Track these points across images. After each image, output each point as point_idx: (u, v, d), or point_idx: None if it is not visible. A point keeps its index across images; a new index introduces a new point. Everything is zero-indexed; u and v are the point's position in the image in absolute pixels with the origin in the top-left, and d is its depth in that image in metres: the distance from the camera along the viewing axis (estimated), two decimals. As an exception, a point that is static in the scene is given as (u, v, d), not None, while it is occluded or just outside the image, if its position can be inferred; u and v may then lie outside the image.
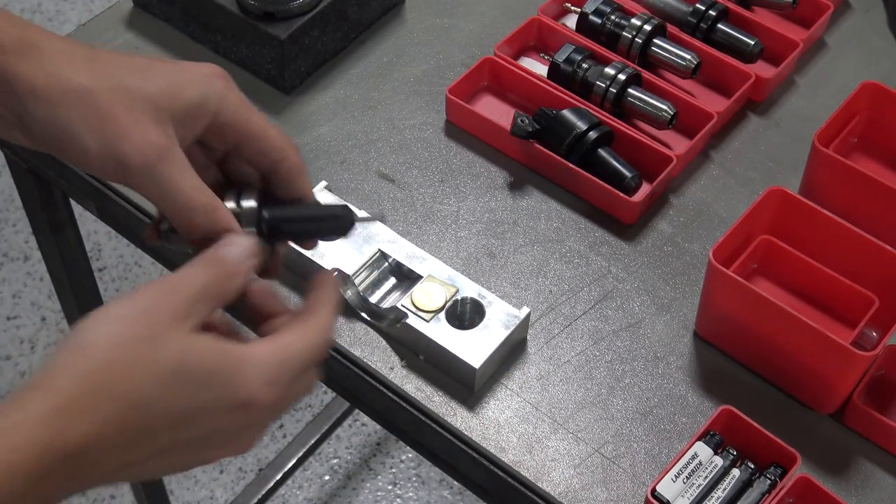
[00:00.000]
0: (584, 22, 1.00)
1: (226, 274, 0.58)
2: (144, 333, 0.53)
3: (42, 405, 0.50)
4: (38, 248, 1.45)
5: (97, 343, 0.52)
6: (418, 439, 0.83)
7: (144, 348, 0.52)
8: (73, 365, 0.51)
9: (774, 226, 0.85)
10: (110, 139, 0.58)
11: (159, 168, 0.58)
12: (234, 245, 0.59)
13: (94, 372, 0.51)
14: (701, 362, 0.83)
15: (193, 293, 0.55)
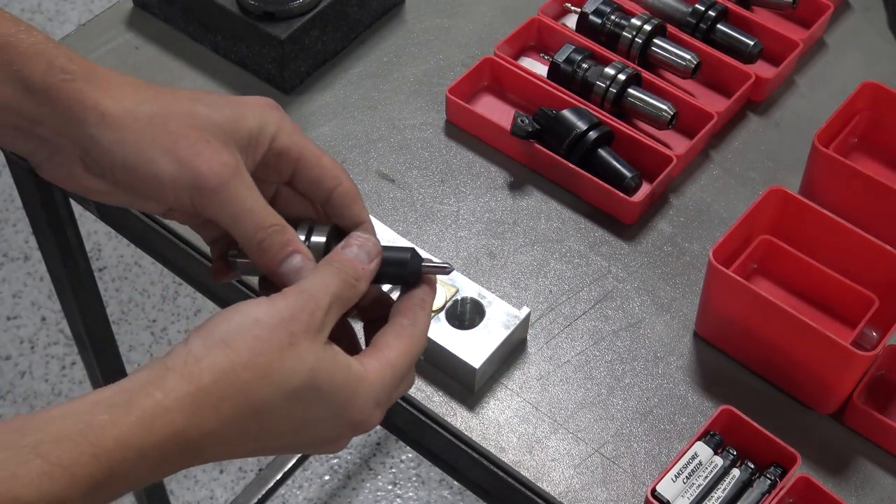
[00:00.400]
0: (584, 22, 1.00)
1: (355, 277, 0.59)
2: (285, 342, 0.54)
3: (181, 391, 0.51)
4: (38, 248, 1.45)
5: (243, 343, 0.53)
6: (418, 439, 0.83)
7: (283, 357, 0.54)
8: (216, 358, 0.53)
9: (774, 226, 0.85)
10: (185, 159, 0.58)
11: (233, 186, 0.59)
12: (359, 245, 0.60)
13: (234, 372, 0.53)
14: (701, 362, 0.83)
15: (328, 302, 0.56)
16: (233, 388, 0.53)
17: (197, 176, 0.58)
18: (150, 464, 0.51)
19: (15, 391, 1.83)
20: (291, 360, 0.54)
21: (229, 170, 0.59)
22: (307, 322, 0.55)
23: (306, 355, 0.54)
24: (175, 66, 1.00)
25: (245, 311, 0.54)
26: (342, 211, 0.63)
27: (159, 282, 1.96)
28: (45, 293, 1.94)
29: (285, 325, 0.54)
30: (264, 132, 0.61)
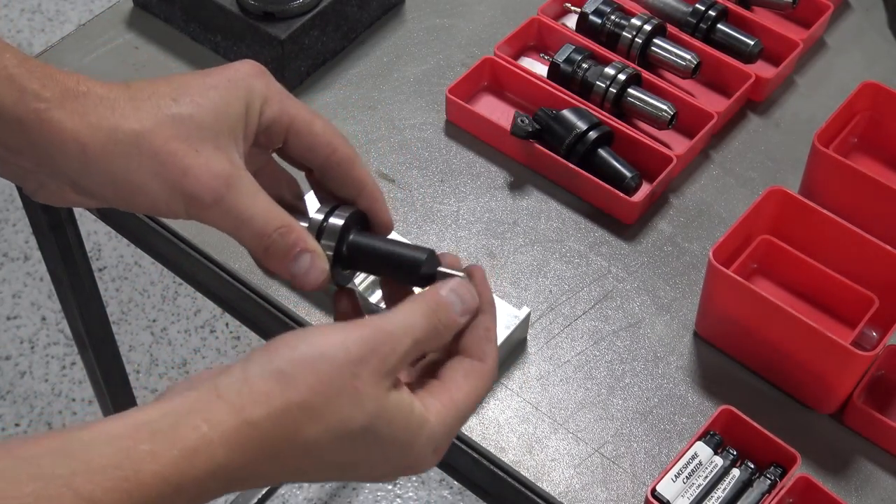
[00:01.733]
0: (584, 22, 1.00)
1: (445, 325, 0.55)
2: (348, 386, 0.50)
3: (228, 425, 0.48)
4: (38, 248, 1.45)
5: (302, 379, 0.50)
6: (418, 439, 0.82)
7: (342, 401, 0.50)
8: (271, 392, 0.49)
9: (774, 226, 0.85)
10: (174, 180, 0.56)
11: (228, 199, 0.56)
12: (456, 292, 0.56)
13: (288, 411, 0.49)
14: (701, 362, 0.83)
15: (407, 350, 0.53)
16: (283, 427, 0.49)
17: (189, 196, 0.56)
18: (186, 497, 0.48)
19: (15, 391, 1.83)
20: (350, 405, 0.50)
21: (221, 182, 0.56)
22: (377, 367, 0.51)
23: (368, 403, 0.51)
24: (175, 66, 1.00)
25: (312, 342, 0.51)
26: (341, 178, 0.60)
27: (159, 282, 1.96)
28: (45, 293, 1.94)
29: (352, 366, 0.50)
30: (251, 110, 0.58)
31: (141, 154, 0.55)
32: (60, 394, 1.83)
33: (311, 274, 0.57)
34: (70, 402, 1.82)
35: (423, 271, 0.57)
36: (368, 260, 0.59)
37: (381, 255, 0.59)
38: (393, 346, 0.52)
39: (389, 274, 0.59)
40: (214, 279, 0.89)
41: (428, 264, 0.58)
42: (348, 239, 0.59)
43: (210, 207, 0.56)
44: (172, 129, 0.56)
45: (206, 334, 1.91)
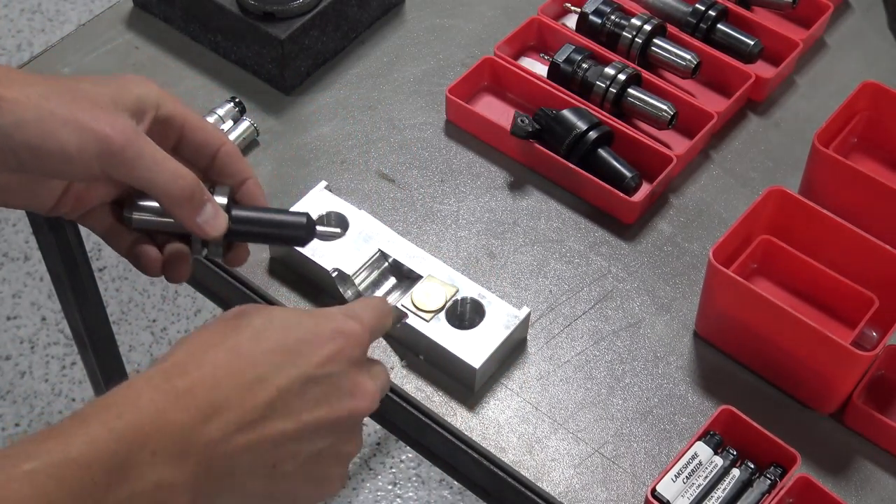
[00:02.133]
0: (584, 22, 1.00)
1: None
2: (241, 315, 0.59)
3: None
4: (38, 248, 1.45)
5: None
6: (418, 439, 0.83)
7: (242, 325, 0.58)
8: (178, 350, 0.56)
9: (774, 226, 0.85)
10: (86, 125, 0.59)
11: (140, 141, 0.61)
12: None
13: (194, 342, 0.57)
14: (701, 362, 0.83)
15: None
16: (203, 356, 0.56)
17: (102, 138, 0.59)
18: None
19: (15, 391, 1.83)
20: (258, 320, 0.58)
21: (131, 127, 0.61)
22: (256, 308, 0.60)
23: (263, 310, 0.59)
24: (175, 66, 1.00)
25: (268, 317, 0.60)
26: (228, 169, 0.67)
27: (159, 282, 1.96)
28: (45, 293, 1.94)
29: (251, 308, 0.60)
30: (148, 100, 0.64)
31: (52, 105, 0.60)
32: (60, 394, 1.83)
33: (215, 221, 0.64)
34: (70, 402, 1.82)
35: (305, 233, 0.67)
36: (253, 230, 0.67)
37: (265, 224, 0.67)
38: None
39: (273, 241, 0.68)
40: (214, 279, 0.89)
41: (309, 225, 0.67)
42: (232, 213, 0.66)
43: (123, 149, 0.60)
44: (79, 94, 0.61)
45: (206, 334, 1.91)
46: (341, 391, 0.58)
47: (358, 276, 0.83)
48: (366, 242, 0.84)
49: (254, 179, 0.69)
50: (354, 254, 0.83)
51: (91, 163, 0.60)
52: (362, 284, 0.83)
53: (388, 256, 0.84)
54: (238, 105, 0.94)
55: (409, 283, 0.83)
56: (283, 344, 0.57)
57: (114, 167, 0.60)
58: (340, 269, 0.82)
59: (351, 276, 0.82)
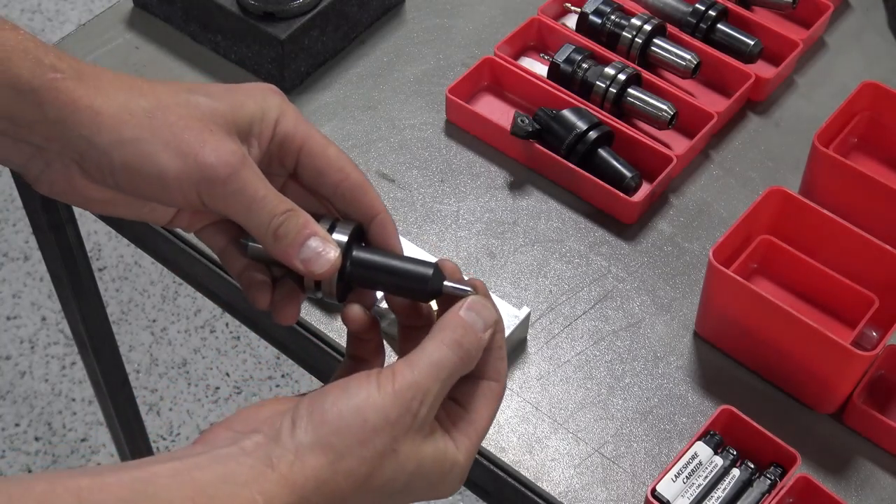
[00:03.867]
0: (584, 22, 1.00)
1: (473, 351, 0.55)
2: (388, 449, 0.52)
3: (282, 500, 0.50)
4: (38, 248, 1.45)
5: (346, 448, 0.51)
6: (418, 439, 0.82)
7: (384, 465, 0.52)
8: (319, 464, 0.51)
9: (774, 226, 0.85)
10: (189, 152, 0.55)
11: (243, 175, 0.55)
12: (476, 309, 0.56)
13: (335, 481, 0.51)
14: (701, 362, 0.83)
15: (437, 393, 0.53)
16: (331, 497, 0.51)
17: (204, 167, 0.55)
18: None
19: (15, 391, 1.83)
20: (393, 468, 0.52)
21: (237, 158, 0.55)
22: (412, 424, 0.52)
23: (408, 463, 0.53)
24: (175, 66, 1.00)
25: (356, 407, 0.52)
26: (353, 204, 0.59)
27: (159, 282, 1.96)
28: (45, 293, 1.94)
29: (391, 428, 0.52)
30: (267, 117, 0.58)
31: (155, 125, 0.55)
32: (60, 394, 1.83)
33: (321, 258, 0.56)
34: (70, 402, 1.82)
35: (429, 287, 0.57)
36: (372, 276, 0.58)
37: (386, 271, 0.58)
38: (422, 397, 0.53)
39: (394, 290, 0.58)
40: (214, 279, 0.89)
41: (434, 280, 0.57)
42: (352, 255, 0.58)
43: (224, 182, 0.55)
44: (188, 110, 0.56)
45: (206, 334, 1.91)
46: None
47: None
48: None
49: (384, 216, 0.60)
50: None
51: (190, 192, 0.56)
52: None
53: (388, 256, 0.83)
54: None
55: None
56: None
57: (213, 199, 0.56)
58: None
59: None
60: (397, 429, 0.52)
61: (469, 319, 0.55)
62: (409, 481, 0.53)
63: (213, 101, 0.57)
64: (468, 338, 0.55)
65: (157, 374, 1.85)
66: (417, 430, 0.53)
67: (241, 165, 0.56)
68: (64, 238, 1.07)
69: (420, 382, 0.53)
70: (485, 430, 0.57)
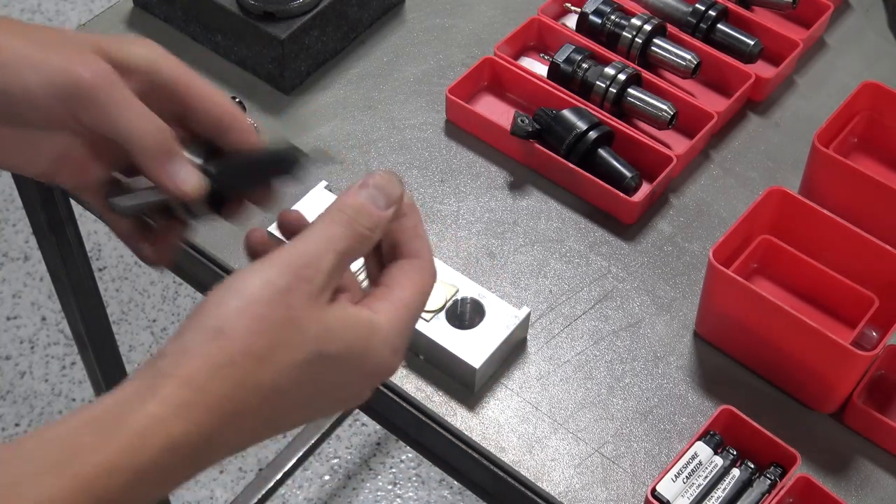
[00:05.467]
0: (584, 22, 1.00)
1: (369, 227, 0.54)
2: (283, 318, 0.49)
3: (176, 398, 0.47)
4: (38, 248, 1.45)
5: (238, 328, 0.49)
6: (418, 439, 0.83)
7: (283, 335, 0.49)
8: (211, 352, 0.48)
9: (774, 226, 0.85)
10: (58, 67, 0.55)
11: (117, 88, 0.56)
12: (377, 186, 0.55)
13: (232, 364, 0.48)
14: (701, 362, 0.83)
15: (332, 264, 0.51)
16: (232, 380, 0.48)
17: (73, 79, 0.55)
18: (149, 483, 0.47)
19: (15, 391, 1.83)
20: (294, 336, 0.49)
21: (108, 71, 0.56)
22: (307, 289, 0.50)
23: (308, 326, 0.50)
24: (175, 66, 1.00)
25: (238, 289, 0.50)
26: (237, 142, 0.60)
27: (159, 282, 1.96)
28: (45, 293, 1.94)
29: (282, 298, 0.49)
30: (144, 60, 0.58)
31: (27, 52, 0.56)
32: (60, 394, 1.83)
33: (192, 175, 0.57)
34: (70, 402, 1.82)
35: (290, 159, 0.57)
36: (236, 175, 0.59)
37: (246, 164, 0.59)
38: (317, 265, 0.51)
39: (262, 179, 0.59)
40: (214, 279, 0.89)
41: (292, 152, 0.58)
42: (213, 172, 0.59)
43: (95, 91, 0.55)
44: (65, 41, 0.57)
45: (206, 334, 1.91)
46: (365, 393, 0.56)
47: (358, 275, 0.82)
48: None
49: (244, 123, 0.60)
50: (354, 254, 0.83)
51: (57, 107, 0.55)
52: (363, 284, 0.83)
53: (388, 256, 0.83)
54: (238, 105, 0.94)
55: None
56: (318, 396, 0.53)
57: (83, 110, 0.56)
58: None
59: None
60: (291, 297, 0.50)
61: (363, 196, 0.54)
62: (320, 348, 0.50)
63: (91, 37, 0.57)
64: (362, 217, 0.54)
65: (157, 374, 1.85)
66: (316, 297, 0.51)
67: (111, 78, 0.56)
68: (64, 238, 1.07)
69: (309, 251, 0.51)
70: (411, 303, 0.55)
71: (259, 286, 0.50)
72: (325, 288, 0.51)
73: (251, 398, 0.49)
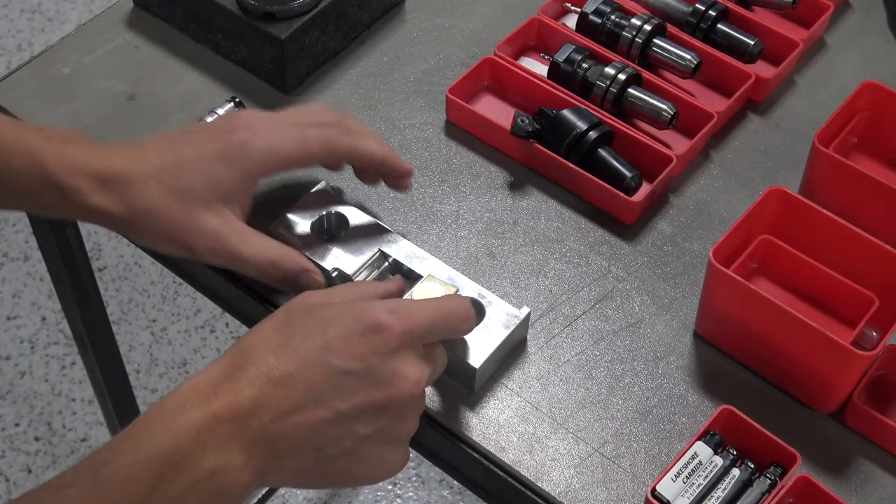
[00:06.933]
0: (584, 22, 1.00)
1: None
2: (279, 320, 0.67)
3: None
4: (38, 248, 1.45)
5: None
6: (418, 439, 0.82)
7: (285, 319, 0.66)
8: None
9: (774, 226, 0.85)
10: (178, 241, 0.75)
11: (220, 249, 0.75)
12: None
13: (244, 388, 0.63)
14: (701, 362, 0.83)
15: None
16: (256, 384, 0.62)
17: (190, 250, 0.75)
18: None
19: (15, 391, 1.83)
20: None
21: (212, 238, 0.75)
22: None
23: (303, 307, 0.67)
24: (175, 66, 1.00)
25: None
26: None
27: (159, 282, 1.96)
28: (45, 293, 1.94)
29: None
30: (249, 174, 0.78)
31: (152, 224, 0.74)
32: (60, 394, 1.83)
33: (310, 288, 0.76)
34: (70, 402, 1.82)
35: None
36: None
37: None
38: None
39: None
40: (214, 279, 0.89)
41: None
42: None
43: (206, 257, 0.75)
44: (174, 203, 0.74)
45: (206, 334, 1.91)
46: (378, 380, 0.63)
47: (358, 275, 0.83)
48: (366, 242, 0.84)
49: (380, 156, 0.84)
50: (354, 254, 0.83)
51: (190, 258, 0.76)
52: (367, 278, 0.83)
53: (388, 256, 0.84)
54: (238, 105, 0.94)
55: (409, 283, 0.83)
56: (321, 342, 0.63)
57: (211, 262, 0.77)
58: (340, 269, 0.82)
59: (351, 276, 0.82)
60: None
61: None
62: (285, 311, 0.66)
63: (193, 184, 0.74)
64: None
65: (157, 374, 1.85)
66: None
67: (216, 242, 0.75)
68: (64, 238, 1.07)
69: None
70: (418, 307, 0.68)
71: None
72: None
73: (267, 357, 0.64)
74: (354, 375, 0.63)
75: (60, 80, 0.98)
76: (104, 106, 0.97)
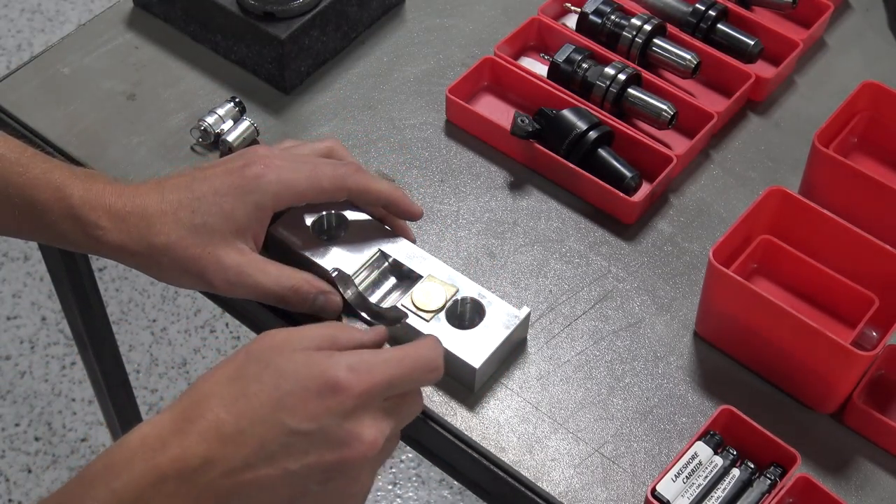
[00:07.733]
0: (584, 22, 1.00)
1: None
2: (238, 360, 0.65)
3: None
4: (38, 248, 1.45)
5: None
6: (418, 439, 0.83)
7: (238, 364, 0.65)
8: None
9: (774, 226, 0.85)
10: (197, 275, 0.76)
11: (239, 282, 0.76)
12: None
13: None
14: (701, 362, 0.84)
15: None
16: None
17: (209, 285, 0.76)
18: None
19: (15, 391, 1.83)
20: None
21: (231, 272, 0.76)
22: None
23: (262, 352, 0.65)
24: (175, 66, 1.00)
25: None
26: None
27: (159, 282, 1.96)
28: (45, 293, 1.94)
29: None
30: (263, 208, 0.78)
31: (171, 260, 0.76)
32: (60, 394, 1.83)
33: (328, 308, 0.79)
34: (70, 402, 1.82)
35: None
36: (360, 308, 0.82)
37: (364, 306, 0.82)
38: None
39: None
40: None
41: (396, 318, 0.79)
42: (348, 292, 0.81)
43: (226, 291, 0.76)
44: (191, 238, 0.75)
45: (206, 334, 1.91)
46: (331, 442, 0.61)
47: (358, 275, 0.83)
48: (366, 242, 0.84)
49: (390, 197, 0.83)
50: (354, 254, 0.83)
51: (209, 291, 0.77)
52: (362, 284, 0.83)
53: (388, 256, 0.84)
54: (238, 105, 0.94)
55: (410, 283, 0.83)
56: (274, 398, 0.61)
57: (234, 294, 0.77)
58: (340, 269, 0.82)
59: (351, 276, 0.82)
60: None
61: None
62: (244, 353, 0.64)
63: (210, 220, 0.75)
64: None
65: (157, 374, 1.85)
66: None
67: (235, 276, 0.76)
68: (64, 238, 1.07)
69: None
70: (375, 351, 0.66)
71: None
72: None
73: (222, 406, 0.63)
74: (306, 436, 0.60)
75: (60, 80, 0.98)
76: (104, 106, 0.97)
